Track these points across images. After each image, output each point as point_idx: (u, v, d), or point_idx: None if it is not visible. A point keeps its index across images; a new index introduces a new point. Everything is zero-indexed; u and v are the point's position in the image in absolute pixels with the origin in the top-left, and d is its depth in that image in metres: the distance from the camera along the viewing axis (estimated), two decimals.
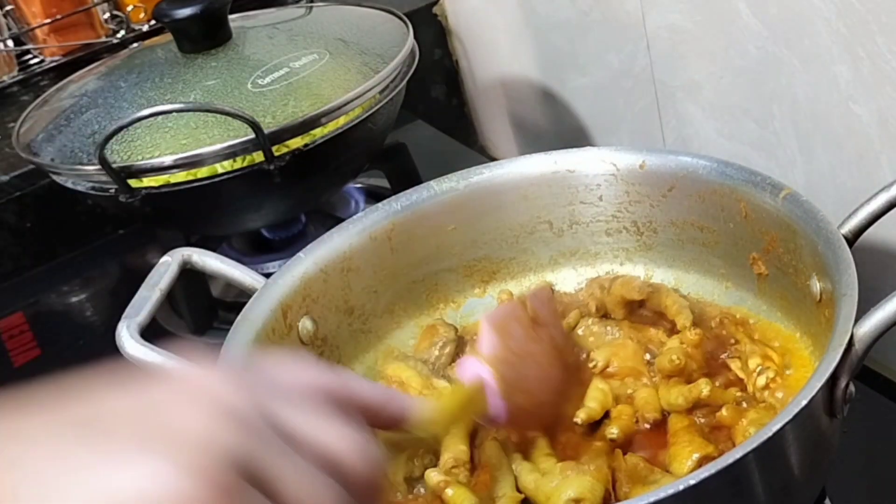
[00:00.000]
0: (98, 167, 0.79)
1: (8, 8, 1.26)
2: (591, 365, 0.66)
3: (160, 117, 0.80)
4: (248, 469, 0.36)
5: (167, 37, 0.93)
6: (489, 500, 0.59)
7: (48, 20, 1.24)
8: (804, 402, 0.50)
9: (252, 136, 0.78)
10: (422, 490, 0.61)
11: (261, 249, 0.96)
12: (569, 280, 0.77)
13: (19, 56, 1.28)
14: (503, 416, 0.57)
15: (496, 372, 0.57)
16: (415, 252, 0.75)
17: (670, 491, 0.47)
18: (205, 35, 0.88)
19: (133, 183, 0.81)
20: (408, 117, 1.15)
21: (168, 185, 0.81)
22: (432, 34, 1.25)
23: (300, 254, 0.71)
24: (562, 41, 1.04)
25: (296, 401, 0.40)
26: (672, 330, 0.68)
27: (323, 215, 0.99)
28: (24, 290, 1.07)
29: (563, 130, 1.11)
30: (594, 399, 0.63)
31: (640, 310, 0.71)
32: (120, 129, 0.78)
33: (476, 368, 0.58)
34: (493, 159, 0.76)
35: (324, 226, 0.91)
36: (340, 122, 0.83)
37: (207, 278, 0.88)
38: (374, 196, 1.00)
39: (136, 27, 1.24)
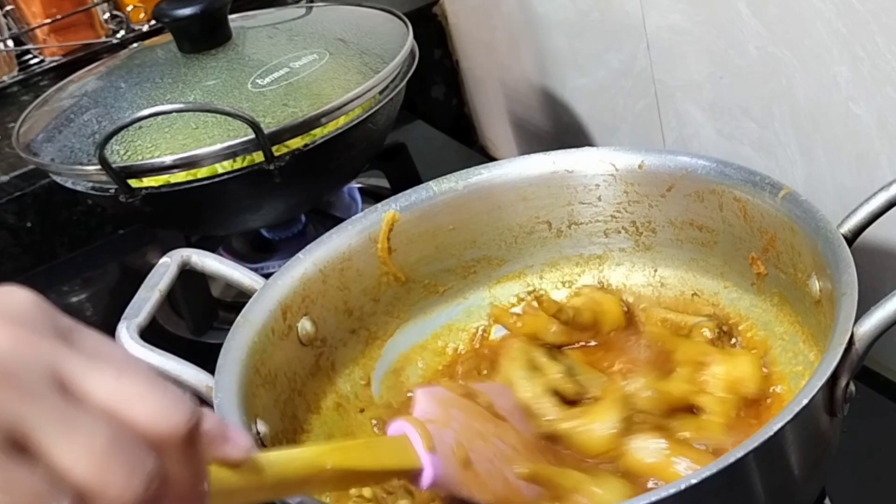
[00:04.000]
0: (98, 167, 0.79)
1: (8, 8, 1.26)
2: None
3: (160, 117, 0.80)
4: (12, 435, 0.33)
5: (167, 37, 0.93)
6: None
7: (48, 20, 1.24)
8: (805, 402, 0.50)
9: (252, 136, 0.78)
10: None
11: (261, 250, 0.96)
12: (567, 281, 0.77)
13: (19, 56, 1.28)
14: (435, 476, 0.53)
15: (427, 433, 0.53)
16: (414, 252, 0.75)
17: (671, 490, 0.47)
18: (205, 35, 0.88)
19: (133, 183, 0.81)
20: (408, 117, 1.15)
21: (168, 185, 0.81)
22: (432, 34, 1.25)
23: (299, 254, 0.71)
24: (562, 41, 1.04)
25: (95, 349, 0.37)
26: None
27: (323, 215, 0.99)
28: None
29: (563, 130, 1.11)
30: None
31: None
32: (120, 129, 0.78)
33: (402, 427, 0.54)
34: (492, 159, 0.76)
35: (324, 226, 0.91)
36: (340, 122, 0.83)
37: (207, 278, 0.88)
38: (374, 196, 1.00)
39: (136, 27, 1.24)
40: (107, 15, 1.26)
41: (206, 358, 0.63)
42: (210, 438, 0.41)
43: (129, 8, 1.24)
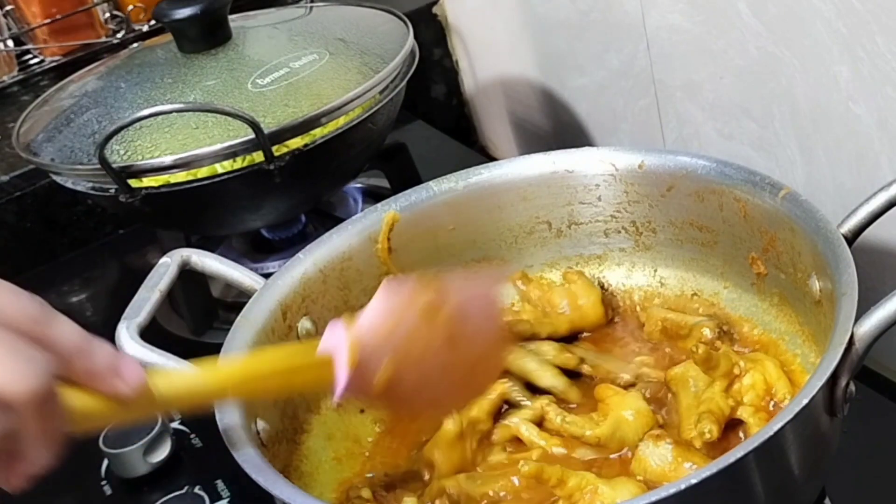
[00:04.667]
0: (98, 167, 0.79)
1: (8, 8, 1.26)
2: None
3: (160, 117, 0.80)
4: None
5: (167, 37, 0.93)
6: None
7: (48, 20, 1.24)
8: (805, 402, 0.50)
9: (252, 136, 0.78)
10: None
11: (261, 249, 0.96)
12: None
13: (19, 56, 1.28)
14: (343, 392, 0.56)
15: (355, 349, 0.55)
16: (414, 252, 0.75)
17: (671, 490, 0.47)
18: (205, 35, 0.88)
19: (133, 183, 0.81)
20: (408, 117, 1.15)
21: (168, 185, 0.81)
22: (432, 34, 1.25)
23: (299, 254, 0.71)
24: (562, 41, 1.04)
25: None
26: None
27: (323, 215, 0.99)
28: (24, 290, 1.07)
29: (563, 130, 1.11)
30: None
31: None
32: (120, 129, 0.78)
33: (337, 338, 0.56)
34: (492, 159, 0.76)
35: (324, 226, 0.91)
36: (340, 122, 0.83)
37: (207, 278, 0.88)
38: (374, 196, 1.00)
39: (136, 27, 1.24)
40: (107, 15, 1.26)
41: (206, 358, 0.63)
42: (98, 374, 0.46)
43: (129, 8, 1.24)
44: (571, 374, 0.69)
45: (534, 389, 0.68)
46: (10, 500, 0.82)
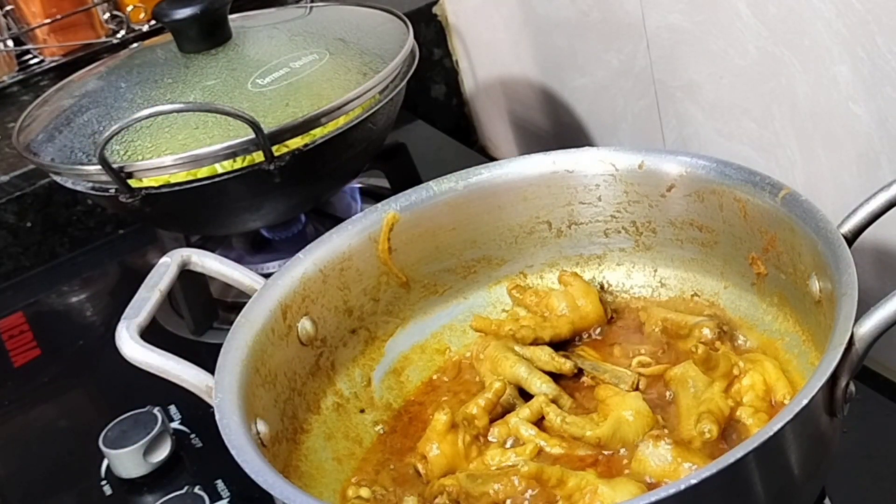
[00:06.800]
0: (98, 167, 0.79)
1: (8, 8, 1.26)
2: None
3: (160, 117, 0.80)
4: None
5: (167, 37, 0.93)
6: None
7: (48, 20, 1.24)
8: (805, 402, 0.50)
9: (252, 136, 0.78)
10: None
11: (261, 249, 0.96)
12: None
13: (19, 56, 1.28)
14: None
15: None
16: (414, 252, 0.75)
17: (671, 490, 0.47)
18: (205, 35, 0.88)
19: (133, 183, 0.81)
20: (408, 117, 1.15)
21: (168, 185, 0.81)
22: (432, 34, 1.25)
23: (299, 254, 0.71)
24: (562, 41, 1.04)
25: None
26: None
27: (323, 215, 0.99)
28: (24, 290, 1.07)
29: (563, 130, 1.11)
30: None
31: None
32: (120, 129, 0.78)
33: None
34: (492, 159, 0.76)
35: (324, 226, 0.91)
36: (340, 122, 0.83)
37: (207, 278, 0.88)
38: (374, 196, 1.00)
39: (136, 27, 1.24)
40: (107, 15, 1.26)
41: (206, 358, 0.63)
42: None
43: (129, 8, 1.24)
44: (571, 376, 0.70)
45: (528, 396, 0.68)
46: (11, 501, 0.82)
